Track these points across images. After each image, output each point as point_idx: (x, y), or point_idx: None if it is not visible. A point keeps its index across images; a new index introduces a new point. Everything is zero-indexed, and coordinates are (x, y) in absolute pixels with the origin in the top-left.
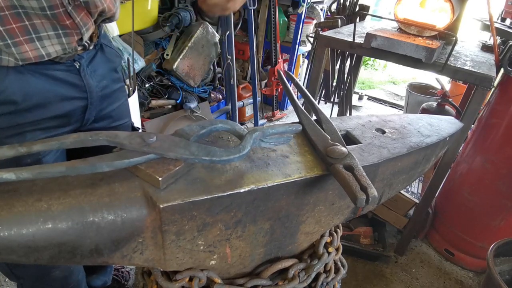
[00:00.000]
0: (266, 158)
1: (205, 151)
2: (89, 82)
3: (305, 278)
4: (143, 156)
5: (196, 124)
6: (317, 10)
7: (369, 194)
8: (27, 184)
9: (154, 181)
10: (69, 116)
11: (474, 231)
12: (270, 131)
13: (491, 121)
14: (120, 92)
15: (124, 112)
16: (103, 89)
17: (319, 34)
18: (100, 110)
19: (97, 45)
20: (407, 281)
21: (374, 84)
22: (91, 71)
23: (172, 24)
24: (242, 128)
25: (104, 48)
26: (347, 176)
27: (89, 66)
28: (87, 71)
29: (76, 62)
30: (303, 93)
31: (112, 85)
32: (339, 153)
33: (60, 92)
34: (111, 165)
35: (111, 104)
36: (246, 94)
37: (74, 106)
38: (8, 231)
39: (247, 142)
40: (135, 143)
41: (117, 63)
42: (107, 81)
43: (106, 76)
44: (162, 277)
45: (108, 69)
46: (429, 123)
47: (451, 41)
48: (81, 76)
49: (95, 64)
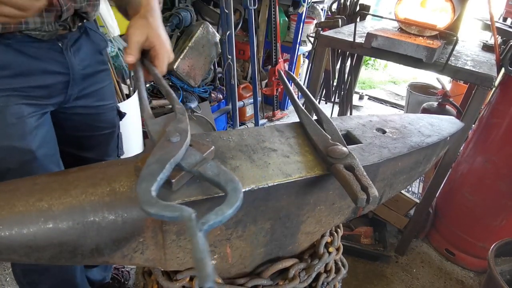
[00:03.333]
0: (267, 158)
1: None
2: (71, 60)
3: (305, 278)
4: None
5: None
6: (318, 10)
7: (370, 194)
8: (28, 184)
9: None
10: (52, 88)
11: (475, 231)
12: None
13: (492, 121)
14: (104, 74)
15: (108, 94)
16: (85, 68)
17: (319, 34)
18: (83, 89)
19: (81, 28)
20: (408, 281)
21: (375, 84)
22: (74, 50)
23: (172, 24)
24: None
25: (89, 31)
26: (348, 176)
27: (72, 46)
28: (71, 50)
29: (60, 42)
30: (303, 93)
31: (95, 66)
32: (339, 153)
33: (42, 65)
34: None
35: (94, 84)
36: (247, 94)
37: (56, 80)
38: (9, 230)
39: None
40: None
41: (102, 46)
42: (90, 61)
43: (89, 56)
44: (162, 277)
45: (92, 51)
46: (430, 123)
47: (451, 40)
48: (64, 54)
49: (78, 45)
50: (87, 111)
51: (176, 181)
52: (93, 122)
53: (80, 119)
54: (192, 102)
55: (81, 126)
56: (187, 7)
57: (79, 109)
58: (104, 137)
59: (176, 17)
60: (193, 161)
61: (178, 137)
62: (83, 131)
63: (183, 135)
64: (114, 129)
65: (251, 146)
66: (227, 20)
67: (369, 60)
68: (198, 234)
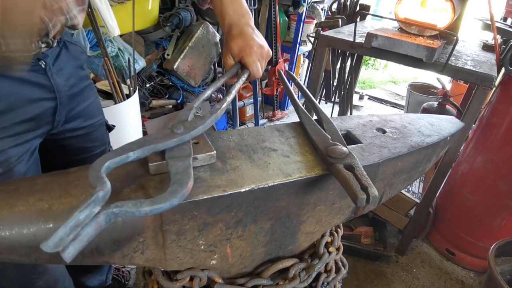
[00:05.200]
0: (267, 158)
1: None
2: (56, 81)
3: (305, 278)
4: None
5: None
6: (318, 10)
7: (370, 194)
8: (28, 184)
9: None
10: (39, 118)
11: (475, 231)
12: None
13: (492, 120)
14: (89, 90)
15: (96, 110)
16: (71, 88)
17: (319, 33)
18: (70, 110)
19: (60, 42)
20: (408, 281)
21: (375, 84)
22: (57, 69)
23: (172, 24)
24: None
25: (67, 45)
26: (348, 175)
27: (54, 64)
28: (54, 70)
29: (41, 61)
30: (304, 92)
31: (80, 83)
32: (339, 152)
33: (27, 94)
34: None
35: (81, 103)
36: (247, 94)
37: (43, 108)
38: (9, 230)
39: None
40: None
41: (82, 59)
42: (75, 79)
43: (73, 74)
44: (163, 277)
45: (74, 67)
46: (430, 123)
47: (452, 40)
48: (48, 75)
49: (60, 63)
50: (76, 133)
51: (154, 165)
52: (84, 143)
53: (69, 143)
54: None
55: (72, 151)
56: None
57: (68, 133)
58: (96, 158)
59: (176, 17)
60: (178, 155)
61: (181, 130)
62: (73, 156)
63: (187, 129)
64: (105, 146)
65: (251, 146)
66: None
67: (369, 60)
68: (100, 214)
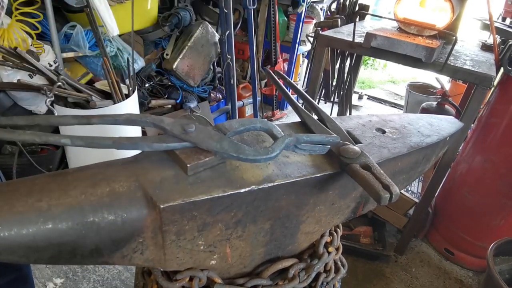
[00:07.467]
0: None
1: (235, 147)
2: None
3: (305, 277)
4: (180, 142)
5: (236, 121)
6: (317, 10)
7: (392, 192)
8: (27, 184)
9: (183, 166)
10: None
11: (474, 231)
12: (305, 138)
13: (491, 120)
14: None
15: None
16: None
17: (319, 33)
18: None
19: None
20: (407, 281)
21: (374, 84)
22: None
23: (171, 24)
24: (279, 131)
25: None
26: (367, 175)
27: None
28: None
29: None
30: (300, 94)
31: None
32: (352, 152)
33: None
34: (151, 146)
35: None
36: (246, 94)
37: None
38: (9, 231)
39: (277, 146)
40: (175, 130)
41: None
42: None
43: None
44: (162, 277)
45: None
46: (429, 123)
47: (451, 40)
48: None
49: None
50: None
51: (191, 166)
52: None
53: None
54: (191, 102)
55: None
56: (186, 6)
57: None
58: None
59: (175, 16)
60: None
61: (192, 129)
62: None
63: (196, 131)
64: None
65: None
66: (227, 19)
67: (369, 60)
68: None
